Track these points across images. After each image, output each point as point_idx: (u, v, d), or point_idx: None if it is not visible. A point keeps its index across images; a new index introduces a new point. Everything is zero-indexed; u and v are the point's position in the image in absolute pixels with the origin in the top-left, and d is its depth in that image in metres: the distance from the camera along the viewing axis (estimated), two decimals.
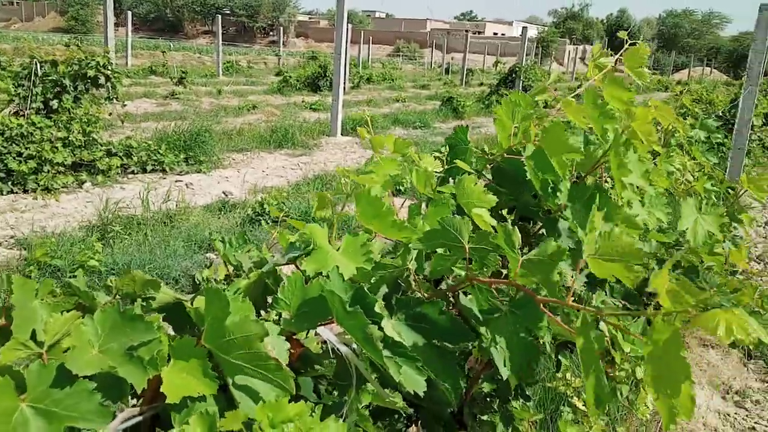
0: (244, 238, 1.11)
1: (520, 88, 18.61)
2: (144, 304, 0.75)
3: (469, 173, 1.05)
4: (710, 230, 1.66)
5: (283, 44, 39.87)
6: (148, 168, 8.33)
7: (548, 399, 3.37)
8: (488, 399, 2.25)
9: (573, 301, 0.90)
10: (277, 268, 0.90)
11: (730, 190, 3.69)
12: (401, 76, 32.51)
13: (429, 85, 28.93)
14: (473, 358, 1.73)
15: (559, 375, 2.74)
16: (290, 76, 20.66)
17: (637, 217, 1.75)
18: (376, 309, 0.74)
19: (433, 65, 48.03)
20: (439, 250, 0.96)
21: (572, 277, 0.97)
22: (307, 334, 0.86)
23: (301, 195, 7.68)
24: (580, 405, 2.89)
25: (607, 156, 1.20)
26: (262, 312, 0.86)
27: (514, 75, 19.62)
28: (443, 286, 1.10)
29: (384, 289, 0.95)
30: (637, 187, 1.30)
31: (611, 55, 1.42)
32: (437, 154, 1.22)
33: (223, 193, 7.66)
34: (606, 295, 1.72)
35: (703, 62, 60.01)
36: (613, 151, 1.16)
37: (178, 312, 0.76)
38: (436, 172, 1.12)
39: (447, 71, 39.53)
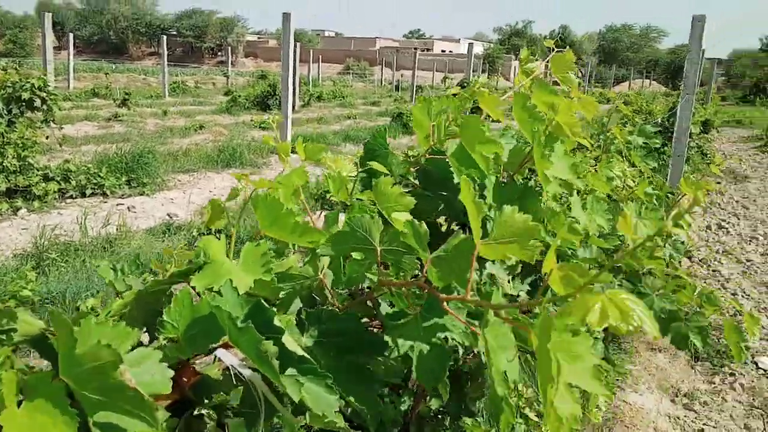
0: (137, 263, 1.01)
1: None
2: (3, 337, 0.65)
3: (384, 174, 0.98)
4: (650, 234, 1.64)
5: (231, 64, 39.51)
6: (88, 192, 8.03)
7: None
8: (438, 416, 2.19)
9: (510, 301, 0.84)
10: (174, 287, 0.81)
11: (669, 195, 3.75)
12: (352, 94, 32.60)
13: (379, 101, 29.08)
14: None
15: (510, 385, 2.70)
16: (239, 96, 20.47)
17: (578, 223, 1.73)
18: (275, 323, 0.67)
19: (383, 82, 48.39)
20: (355, 256, 0.89)
21: (477, 271, 0.92)
22: (216, 359, 0.78)
23: (251, 214, 7.53)
24: (532, 416, 2.85)
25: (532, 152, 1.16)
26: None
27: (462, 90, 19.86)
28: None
29: (298, 304, 0.88)
30: (565, 180, 1.26)
31: (537, 61, 1.40)
32: (351, 157, 1.16)
33: (168, 215, 7.44)
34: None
35: (642, 74, 62.30)
36: (535, 143, 1.12)
37: (45, 344, 0.67)
38: (351, 176, 1.05)
39: (397, 88, 39.88)
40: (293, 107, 16.53)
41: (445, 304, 0.82)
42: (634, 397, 3.91)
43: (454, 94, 1.38)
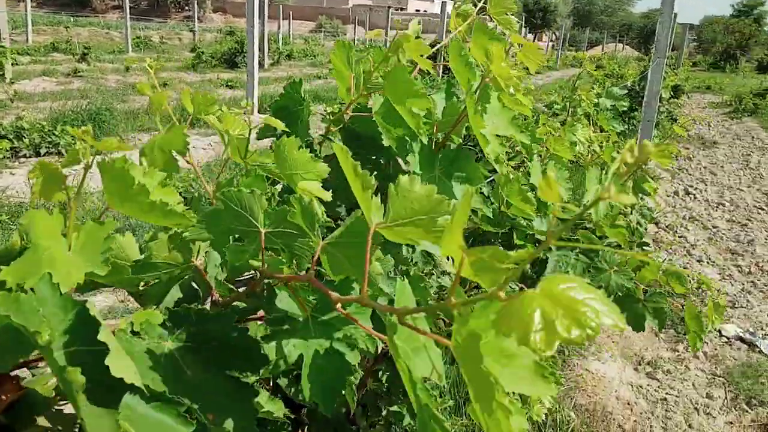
0: None
1: (441, 63, 18.49)
2: None
3: (287, 134, 0.81)
4: (611, 202, 1.50)
5: (198, 19, 38.25)
6: (42, 151, 7.68)
7: (461, 382, 3.24)
8: (390, 392, 2.07)
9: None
10: None
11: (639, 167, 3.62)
12: (323, 53, 31.91)
13: None
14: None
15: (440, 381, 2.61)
16: (203, 52, 19.83)
17: (533, 189, 1.59)
18: (101, 336, 0.50)
19: (356, 42, 47.54)
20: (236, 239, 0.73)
21: (409, 248, 0.77)
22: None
23: (213, 175, 7.29)
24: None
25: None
26: None
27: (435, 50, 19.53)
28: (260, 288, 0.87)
29: (176, 295, 0.72)
30: (507, 138, 1.10)
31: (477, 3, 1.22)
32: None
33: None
34: None
35: (615, 38, 62.24)
36: (467, 97, 0.96)
37: None
38: (240, 136, 0.88)
39: (370, 47, 39.17)
40: (261, 65, 16.11)
41: (339, 306, 0.67)
42: (596, 365, 3.87)
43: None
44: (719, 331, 4.33)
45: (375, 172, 1.08)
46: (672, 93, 12.42)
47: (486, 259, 0.53)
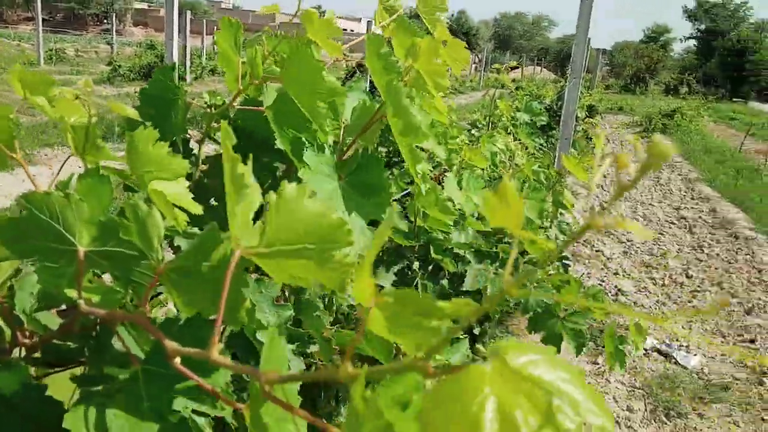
0: None
1: (368, 83, 18.58)
2: None
3: (143, 124, 0.67)
4: (529, 216, 1.43)
5: (117, 33, 36.93)
6: None
7: None
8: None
9: None
10: None
11: (558, 176, 3.65)
12: None
13: None
14: None
15: None
16: (120, 66, 19.11)
17: (451, 202, 1.51)
18: None
19: None
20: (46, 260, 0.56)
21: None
22: None
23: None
24: None
25: (384, 110, 0.89)
26: None
27: (359, 69, 19.63)
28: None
29: None
30: (422, 149, 1.00)
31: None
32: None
33: None
34: None
35: (534, 62, 64.67)
36: (389, 96, 0.85)
37: None
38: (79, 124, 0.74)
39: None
40: (183, 79, 15.65)
41: (176, 361, 0.51)
42: None
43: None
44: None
45: (270, 181, 0.96)
46: (587, 113, 12.91)
47: (407, 315, 0.40)
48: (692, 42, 62.86)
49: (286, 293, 0.92)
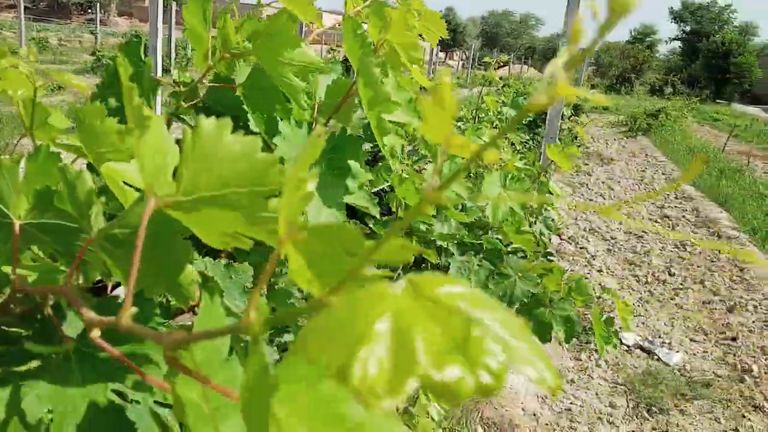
0: None
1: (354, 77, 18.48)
2: None
3: (101, 99, 0.62)
4: (513, 207, 1.40)
5: (101, 23, 36.47)
6: None
7: None
8: None
9: None
10: None
11: (544, 173, 3.64)
12: None
13: None
14: None
15: None
16: (104, 56, 18.88)
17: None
18: None
19: None
20: None
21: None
22: None
23: None
24: None
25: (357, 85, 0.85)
26: None
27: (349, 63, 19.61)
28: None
29: None
30: (402, 124, 0.95)
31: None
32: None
33: None
34: None
35: (521, 60, 64.88)
36: (361, 72, 0.81)
37: None
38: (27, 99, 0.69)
39: None
40: (168, 71, 15.47)
41: (96, 333, 0.43)
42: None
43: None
44: (620, 339, 4.42)
45: None
46: (573, 111, 12.95)
47: (331, 255, 0.35)
48: (677, 43, 63.44)
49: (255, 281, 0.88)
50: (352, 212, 1.61)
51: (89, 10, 63.31)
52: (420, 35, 1.02)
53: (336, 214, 0.82)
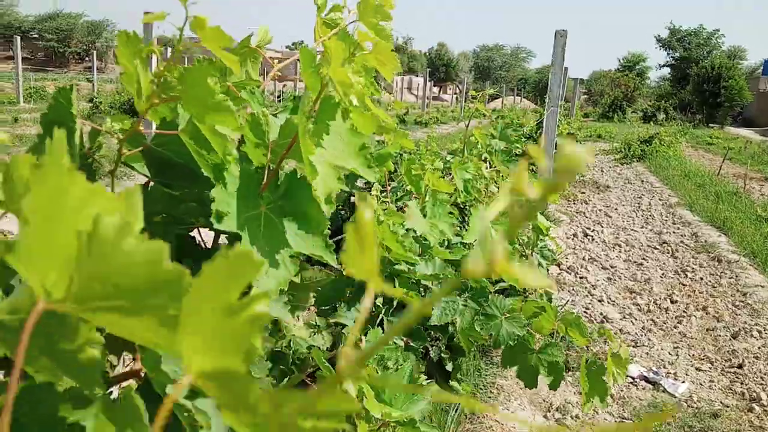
0: None
1: None
2: None
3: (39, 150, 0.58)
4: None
5: (98, 70, 37.02)
6: None
7: None
8: None
9: None
10: None
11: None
12: None
13: None
14: None
15: None
16: (101, 102, 19.09)
17: (414, 232, 1.42)
18: None
19: (265, 92, 47.53)
20: None
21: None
22: None
23: None
24: None
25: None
26: None
27: None
28: None
29: None
30: (345, 168, 0.90)
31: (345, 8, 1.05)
32: None
33: (2, 233, 6.50)
34: (383, 332, 1.36)
35: (514, 92, 65.67)
36: (300, 113, 0.77)
37: None
38: None
39: (279, 98, 39.49)
40: None
41: None
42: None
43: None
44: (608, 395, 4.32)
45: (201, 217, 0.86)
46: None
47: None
48: (667, 70, 64.24)
49: None
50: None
51: (86, 59, 64.25)
52: (375, 69, 0.99)
53: (287, 262, 0.78)
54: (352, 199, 5.25)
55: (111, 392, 0.73)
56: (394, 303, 1.37)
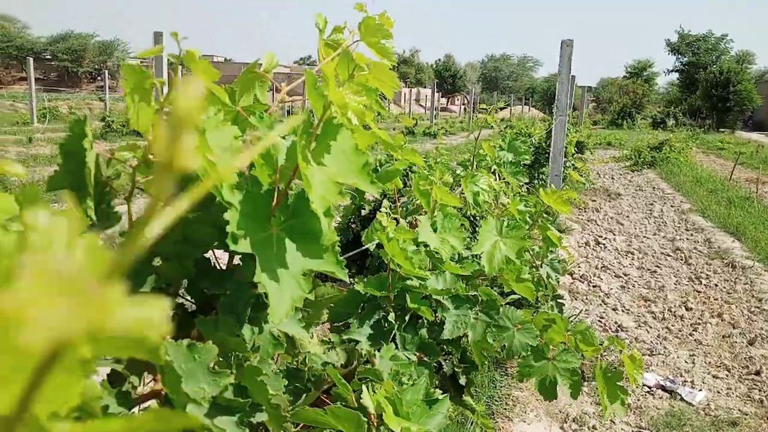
0: None
1: None
2: None
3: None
4: (508, 255, 1.36)
5: (110, 89, 37.46)
6: None
7: None
8: None
9: None
10: None
11: (546, 213, 3.61)
12: None
13: None
14: None
15: None
16: (113, 121, 19.30)
17: (425, 246, 1.44)
18: None
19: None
20: None
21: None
22: None
23: None
24: None
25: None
26: None
27: None
28: None
29: None
30: (344, 185, 0.91)
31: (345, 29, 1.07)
32: None
33: None
34: (397, 348, 1.36)
35: (522, 101, 65.71)
36: (298, 133, 0.79)
37: None
38: None
39: (288, 113, 39.82)
40: None
41: None
42: (521, 427, 3.71)
43: None
44: (627, 399, 4.29)
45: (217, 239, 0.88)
46: (576, 149, 13.00)
47: None
48: (676, 75, 64.00)
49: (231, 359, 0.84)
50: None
51: (98, 78, 65.05)
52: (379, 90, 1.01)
53: (300, 281, 0.80)
54: (362, 212, 5.27)
55: (133, 413, 0.74)
56: (407, 318, 1.38)
